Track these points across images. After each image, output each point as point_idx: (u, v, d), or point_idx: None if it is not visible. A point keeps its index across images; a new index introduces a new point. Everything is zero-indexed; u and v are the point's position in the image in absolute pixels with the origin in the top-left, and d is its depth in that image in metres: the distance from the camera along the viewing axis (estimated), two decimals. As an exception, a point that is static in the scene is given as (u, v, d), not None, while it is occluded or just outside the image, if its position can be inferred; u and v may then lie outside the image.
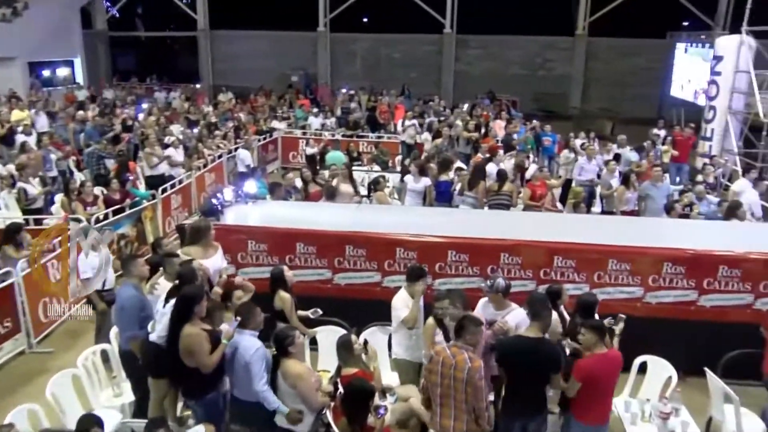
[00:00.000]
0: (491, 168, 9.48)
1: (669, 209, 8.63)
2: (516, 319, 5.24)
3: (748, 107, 14.22)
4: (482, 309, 5.44)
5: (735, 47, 14.07)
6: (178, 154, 11.89)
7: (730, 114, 14.33)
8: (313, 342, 6.18)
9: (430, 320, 5.32)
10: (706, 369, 5.56)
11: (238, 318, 4.73)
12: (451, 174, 9.39)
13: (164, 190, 10.55)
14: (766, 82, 13.55)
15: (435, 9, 26.05)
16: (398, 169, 13.56)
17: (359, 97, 19.92)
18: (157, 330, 4.97)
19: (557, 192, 11.68)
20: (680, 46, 19.13)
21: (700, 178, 11.51)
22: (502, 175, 8.93)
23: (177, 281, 5.14)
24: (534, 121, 16.14)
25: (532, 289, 6.77)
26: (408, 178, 9.26)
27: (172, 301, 4.80)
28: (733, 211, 8.22)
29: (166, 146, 12.00)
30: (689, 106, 18.62)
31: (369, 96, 20.55)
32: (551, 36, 26.78)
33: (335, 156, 11.63)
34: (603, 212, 10.75)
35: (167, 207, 10.68)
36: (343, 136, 15.50)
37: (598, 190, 11.62)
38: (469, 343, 4.41)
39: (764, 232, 7.83)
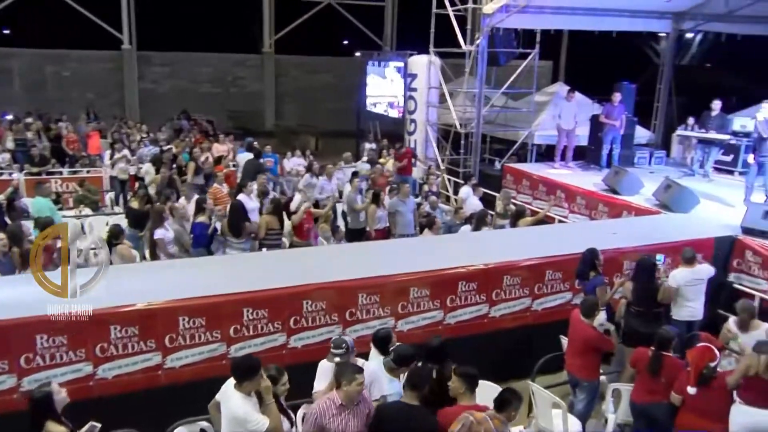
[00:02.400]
0: (247, 203, 8.45)
1: (430, 224, 8.77)
2: (369, 379, 4.62)
3: (440, 119, 15.90)
4: (327, 375, 4.66)
5: (425, 66, 15.53)
6: None
7: (429, 125, 15.80)
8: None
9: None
10: (530, 382, 5.73)
11: None
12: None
13: None
14: (457, 95, 15.21)
15: (109, 23, 23.37)
16: (114, 209, 11.59)
17: (34, 124, 16.43)
18: None
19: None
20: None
21: (426, 188, 12.31)
22: (279, 211, 7.96)
23: None
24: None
25: (340, 334, 6.21)
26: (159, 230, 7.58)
27: None
28: (482, 219, 8.80)
29: None
30: (383, 118, 20.10)
31: (47, 123, 17.16)
32: (239, 53, 26.54)
33: (41, 203, 8.77)
34: (347, 230, 10.69)
35: None
36: (27, 174, 12.57)
37: (339, 208, 11.58)
38: (510, 420, 4.05)
39: (528, 237, 8.50)
